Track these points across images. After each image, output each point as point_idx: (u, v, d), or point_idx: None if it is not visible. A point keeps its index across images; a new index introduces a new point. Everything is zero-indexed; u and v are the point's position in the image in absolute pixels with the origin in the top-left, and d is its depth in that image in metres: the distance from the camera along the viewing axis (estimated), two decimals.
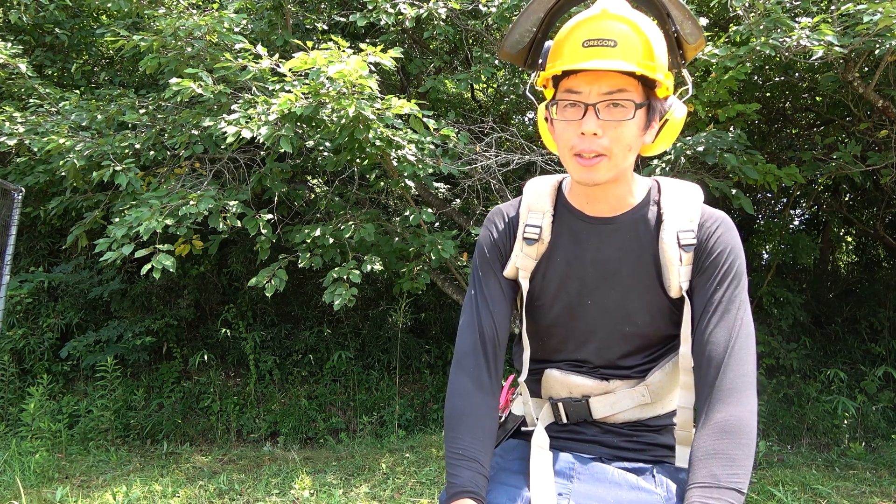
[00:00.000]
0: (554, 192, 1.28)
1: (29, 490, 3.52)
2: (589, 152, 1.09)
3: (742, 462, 1.02)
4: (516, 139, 4.30)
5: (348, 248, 3.90)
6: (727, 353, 1.10)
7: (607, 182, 1.14)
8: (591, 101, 1.08)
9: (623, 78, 1.07)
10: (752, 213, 5.03)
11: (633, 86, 1.08)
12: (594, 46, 1.07)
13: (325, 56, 3.25)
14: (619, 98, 1.07)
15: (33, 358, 5.35)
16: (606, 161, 1.10)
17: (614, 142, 1.09)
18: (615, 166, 1.11)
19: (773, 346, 5.13)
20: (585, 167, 1.11)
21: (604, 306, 1.20)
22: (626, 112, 1.08)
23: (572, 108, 1.10)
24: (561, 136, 1.14)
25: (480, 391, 1.20)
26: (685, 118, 1.20)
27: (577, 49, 1.08)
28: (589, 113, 1.08)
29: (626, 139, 1.10)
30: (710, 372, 1.10)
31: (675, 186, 1.22)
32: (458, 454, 1.14)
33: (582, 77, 1.09)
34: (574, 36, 1.09)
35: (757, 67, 3.84)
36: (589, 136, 1.09)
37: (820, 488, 3.46)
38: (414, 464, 3.96)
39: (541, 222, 1.24)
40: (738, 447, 1.03)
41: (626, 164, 1.14)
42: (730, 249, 1.15)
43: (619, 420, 1.22)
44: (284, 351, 5.74)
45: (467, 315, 1.26)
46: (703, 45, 1.20)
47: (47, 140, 3.76)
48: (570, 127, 1.11)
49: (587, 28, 1.08)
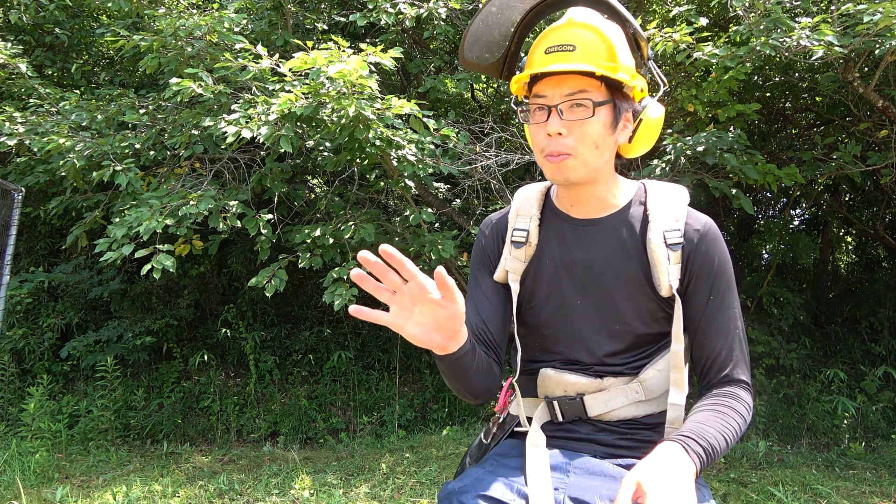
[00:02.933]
0: (542, 196, 1.33)
1: (29, 490, 3.52)
2: (555, 152, 1.15)
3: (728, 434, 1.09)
4: (516, 139, 4.30)
5: (348, 248, 3.90)
6: (726, 362, 1.17)
7: (582, 182, 1.19)
8: (553, 102, 1.15)
9: (584, 80, 1.14)
10: (752, 213, 5.03)
11: (595, 86, 1.14)
12: (555, 52, 1.14)
13: (325, 56, 3.25)
14: (580, 98, 1.13)
15: (33, 358, 5.35)
16: (573, 160, 1.15)
17: (579, 140, 1.15)
18: (583, 164, 1.16)
19: (773, 346, 5.13)
20: (555, 166, 1.16)
21: (593, 306, 1.23)
22: (586, 111, 1.14)
23: (539, 112, 1.17)
24: (533, 139, 1.21)
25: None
26: (662, 118, 1.25)
27: (541, 56, 1.16)
28: (553, 114, 1.15)
29: (590, 137, 1.15)
30: (710, 378, 1.19)
31: (660, 188, 1.26)
32: None
33: (547, 82, 1.16)
34: (541, 45, 1.17)
35: (757, 67, 3.84)
36: (555, 137, 1.15)
37: (820, 488, 3.46)
38: (414, 464, 3.96)
39: (528, 226, 1.29)
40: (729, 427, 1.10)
41: (598, 163, 1.18)
42: (720, 258, 1.20)
43: (614, 418, 1.23)
44: (284, 351, 5.74)
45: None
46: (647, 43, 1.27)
47: (47, 140, 3.76)
48: (539, 129, 1.17)
49: (552, 36, 1.16)
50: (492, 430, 1.35)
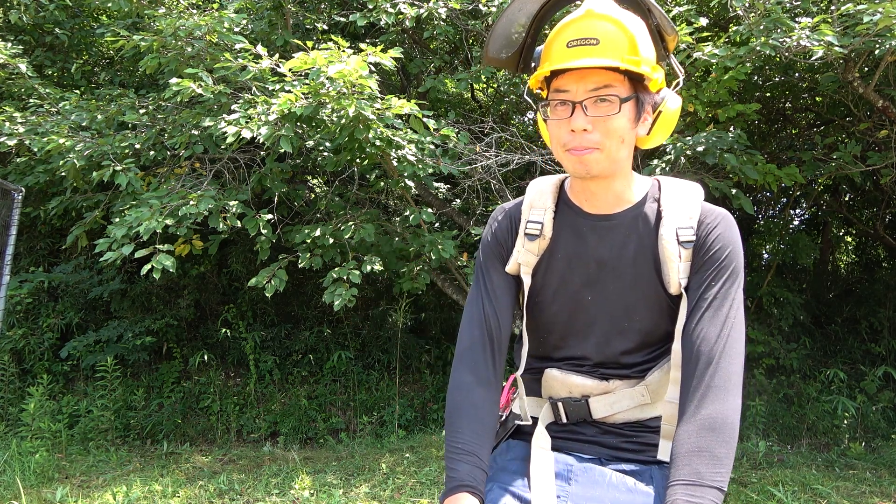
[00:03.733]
0: (556, 189, 1.30)
1: (29, 490, 3.52)
2: (580, 148, 1.12)
3: (725, 460, 1.03)
4: (516, 139, 4.30)
5: (348, 249, 3.90)
6: (716, 350, 1.10)
7: (603, 176, 1.17)
8: (578, 98, 1.11)
9: (608, 74, 1.10)
10: (752, 213, 5.03)
11: (619, 81, 1.11)
12: (577, 46, 1.11)
13: (325, 56, 3.25)
14: (605, 94, 1.11)
15: (33, 358, 5.35)
16: (599, 154, 1.13)
17: (605, 136, 1.12)
18: (608, 158, 1.14)
19: (773, 346, 5.13)
20: (578, 159, 1.14)
21: (603, 301, 1.21)
22: (612, 107, 1.11)
23: (562, 107, 1.14)
24: (554, 134, 1.17)
25: (482, 386, 1.21)
26: (679, 109, 1.23)
27: (563, 50, 1.12)
28: (577, 110, 1.11)
29: (616, 132, 1.12)
30: (697, 367, 1.11)
31: (675, 185, 1.24)
32: (458, 448, 1.15)
33: (569, 76, 1.12)
34: (560, 37, 1.13)
35: (757, 67, 3.84)
36: (579, 133, 1.12)
37: (820, 488, 3.46)
38: (414, 464, 3.96)
39: (542, 218, 1.26)
40: (722, 444, 1.04)
41: (621, 157, 1.16)
42: (728, 246, 1.16)
43: (619, 420, 1.22)
44: (284, 351, 5.74)
45: (471, 311, 1.28)
46: (677, 37, 1.24)
47: (47, 140, 3.76)
48: (561, 125, 1.14)
49: (572, 29, 1.12)
50: None
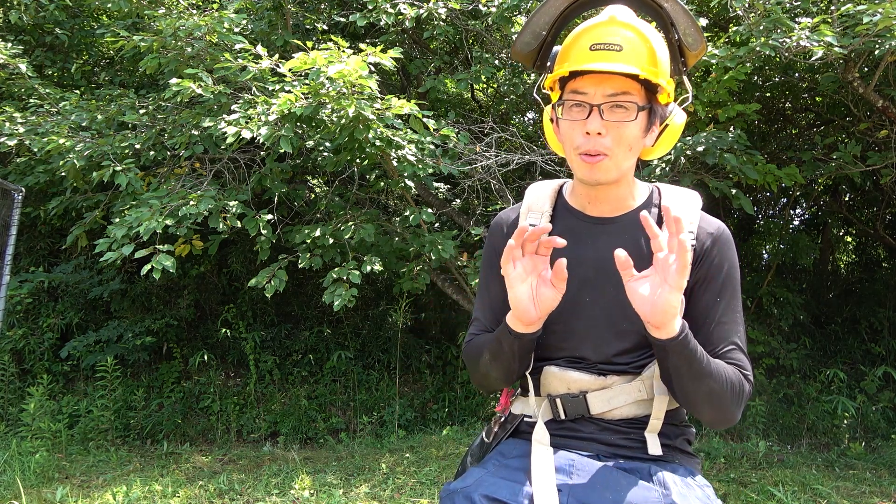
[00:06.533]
0: (554, 194, 1.33)
1: (29, 490, 3.52)
2: (593, 151, 1.14)
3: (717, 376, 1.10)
4: (516, 139, 4.30)
5: (348, 249, 3.90)
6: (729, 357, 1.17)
7: (610, 182, 1.19)
8: (595, 101, 1.13)
9: (627, 81, 1.12)
10: (752, 213, 5.04)
11: (636, 89, 1.13)
12: (601, 50, 1.12)
13: (324, 56, 3.25)
14: (623, 100, 1.12)
15: (33, 358, 5.35)
16: (608, 160, 1.15)
17: (616, 142, 1.14)
18: (616, 166, 1.16)
19: (773, 346, 5.13)
20: (590, 166, 1.15)
21: (602, 304, 1.23)
22: (628, 114, 1.13)
23: (578, 109, 1.15)
24: (566, 136, 1.19)
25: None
26: (684, 124, 1.26)
27: (585, 52, 1.14)
28: (594, 113, 1.13)
29: (627, 140, 1.14)
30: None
31: (674, 192, 1.27)
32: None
33: (588, 79, 1.14)
34: (582, 40, 1.15)
35: (757, 68, 3.84)
36: (593, 136, 1.13)
37: (820, 488, 3.46)
38: (414, 464, 3.96)
39: (539, 222, 1.29)
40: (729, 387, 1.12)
41: (627, 165, 1.19)
42: (730, 263, 1.22)
43: (617, 416, 1.23)
44: (284, 351, 5.74)
45: (475, 312, 1.37)
46: (705, 50, 1.25)
47: (47, 140, 3.76)
48: (576, 126, 1.16)
49: (595, 33, 1.14)
50: (493, 430, 1.35)
